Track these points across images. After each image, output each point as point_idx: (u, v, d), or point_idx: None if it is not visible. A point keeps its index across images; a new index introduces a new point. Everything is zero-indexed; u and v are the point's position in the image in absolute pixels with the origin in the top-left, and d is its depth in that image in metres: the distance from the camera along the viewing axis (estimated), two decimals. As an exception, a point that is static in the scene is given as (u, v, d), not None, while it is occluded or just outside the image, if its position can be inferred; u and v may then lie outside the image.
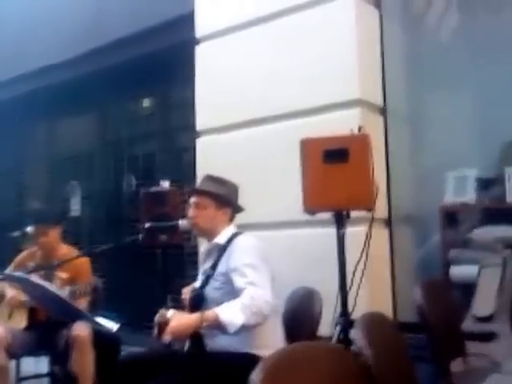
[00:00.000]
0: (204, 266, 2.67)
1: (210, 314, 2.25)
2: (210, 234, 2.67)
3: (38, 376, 3.35)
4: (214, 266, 2.53)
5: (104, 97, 5.29)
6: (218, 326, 2.23)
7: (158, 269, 3.89)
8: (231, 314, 2.21)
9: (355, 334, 1.78)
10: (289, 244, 3.39)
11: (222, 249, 2.55)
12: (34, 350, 3.39)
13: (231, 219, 2.71)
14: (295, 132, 3.14)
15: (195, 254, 3.97)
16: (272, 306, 2.32)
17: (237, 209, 2.74)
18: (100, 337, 3.17)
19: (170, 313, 2.36)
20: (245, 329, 2.24)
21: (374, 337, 1.76)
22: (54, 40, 5.32)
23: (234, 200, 2.72)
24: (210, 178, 2.75)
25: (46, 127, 6.18)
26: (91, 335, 3.20)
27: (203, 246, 2.73)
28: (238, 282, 2.34)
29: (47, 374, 3.14)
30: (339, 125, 3.04)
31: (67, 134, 5.98)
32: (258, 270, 2.37)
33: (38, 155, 6.18)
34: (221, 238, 2.60)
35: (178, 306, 2.75)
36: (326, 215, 2.87)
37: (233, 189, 2.74)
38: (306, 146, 2.87)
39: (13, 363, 3.41)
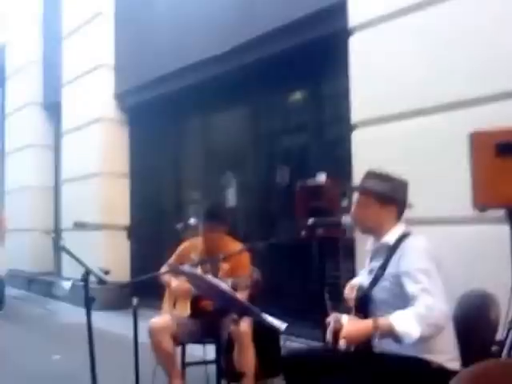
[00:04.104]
0: (371, 265, 2.61)
1: (384, 322, 2.16)
2: (375, 232, 2.59)
3: (203, 362, 3.48)
4: (383, 267, 2.44)
5: (256, 90, 5.39)
6: (392, 336, 2.15)
7: (313, 261, 3.90)
8: (407, 325, 2.11)
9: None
10: (453, 241, 3.22)
11: (392, 249, 2.45)
12: (198, 338, 3.52)
13: (399, 217, 2.60)
14: (460, 124, 2.98)
15: (350, 247, 3.94)
16: (447, 316, 2.21)
17: (404, 206, 2.62)
18: (260, 328, 3.21)
19: (345, 319, 2.34)
20: (420, 341, 2.15)
21: None
22: (206, 35, 5.50)
23: (400, 197, 2.59)
24: (373, 175, 2.62)
25: (200, 121, 6.44)
26: (252, 330, 3.29)
27: (369, 243, 2.66)
28: (411, 287, 2.24)
29: (213, 361, 3.26)
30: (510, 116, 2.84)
31: (221, 127, 6.18)
32: (432, 277, 2.24)
33: (194, 149, 6.46)
34: (389, 238, 2.50)
35: (336, 300, 2.73)
36: (497, 212, 2.70)
37: (399, 185, 2.60)
38: (477, 139, 2.71)
39: (178, 349, 3.57)
